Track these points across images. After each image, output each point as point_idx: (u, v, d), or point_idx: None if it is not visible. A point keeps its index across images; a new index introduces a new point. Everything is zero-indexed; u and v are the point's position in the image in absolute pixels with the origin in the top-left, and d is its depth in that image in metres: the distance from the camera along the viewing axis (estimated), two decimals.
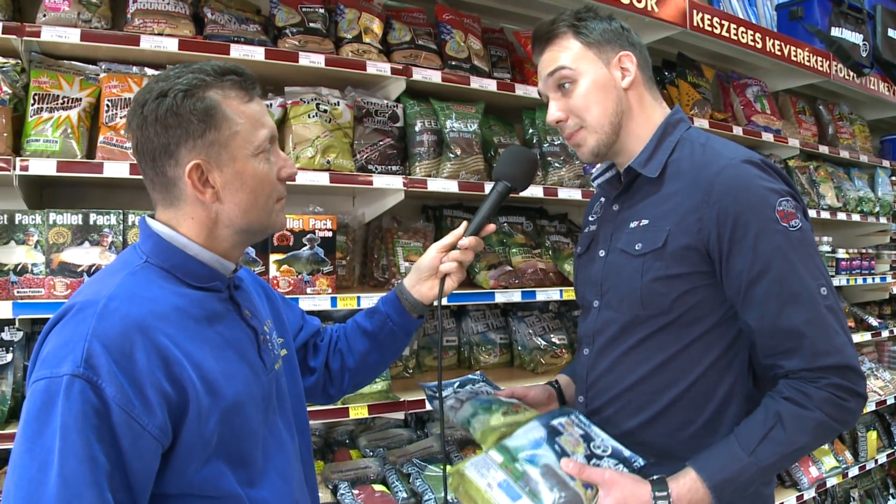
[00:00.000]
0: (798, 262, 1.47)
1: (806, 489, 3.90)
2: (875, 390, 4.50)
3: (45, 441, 1.09)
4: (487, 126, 3.00)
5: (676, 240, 1.55)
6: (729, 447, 1.47)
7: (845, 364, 1.45)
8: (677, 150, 1.65)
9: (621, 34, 1.70)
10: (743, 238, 1.48)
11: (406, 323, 1.73)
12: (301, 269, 2.38)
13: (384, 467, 2.70)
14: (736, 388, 1.60)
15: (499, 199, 1.69)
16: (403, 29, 2.77)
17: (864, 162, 4.88)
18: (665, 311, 1.58)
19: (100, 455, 1.11)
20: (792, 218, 1.49)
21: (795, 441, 1.45)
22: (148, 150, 1.29)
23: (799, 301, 1.46)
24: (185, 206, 1.32)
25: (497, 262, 2.93)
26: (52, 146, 2.16)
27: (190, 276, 1.31)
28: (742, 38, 3.62)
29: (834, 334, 1.46)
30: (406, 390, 2.66)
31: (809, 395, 1.45)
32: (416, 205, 3.21)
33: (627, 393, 1.66)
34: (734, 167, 1.52)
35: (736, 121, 4.06)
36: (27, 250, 2.14)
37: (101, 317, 1.15)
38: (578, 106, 1.66)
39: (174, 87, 1.27)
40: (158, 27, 2.27)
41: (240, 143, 1.31)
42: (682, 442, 1.59)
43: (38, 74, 2.24)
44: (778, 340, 1.49)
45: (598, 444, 1.56)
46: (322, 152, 2.47)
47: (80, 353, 1.12)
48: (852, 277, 4.57)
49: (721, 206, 1.50)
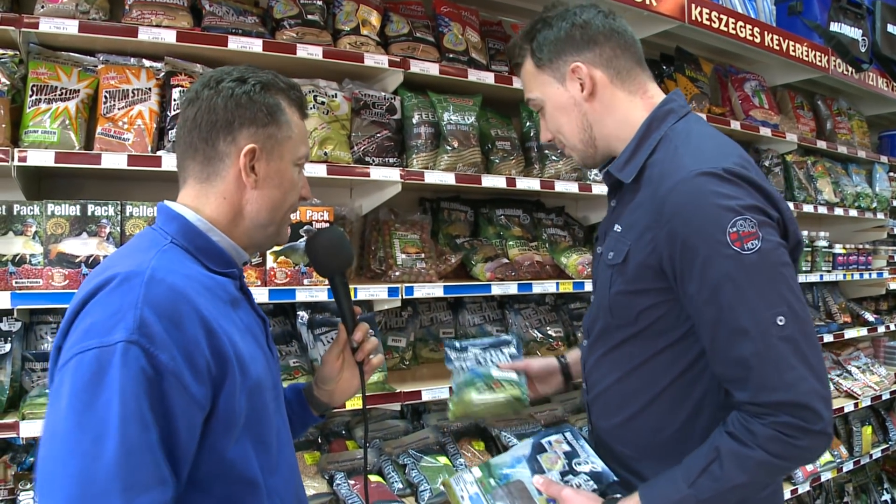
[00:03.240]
0: (749, 290, 1.37)
1: (800, 483, 3.92)
2: (870, 385, 4.51)
3: (98, 411, 1.07)
4: (485, 119, 3.01)
5: (635, 256, 1.53)
6: (673, 476, 1.46)
7: (795, 402, 1.35)
8: (658, 150, 1.56)
9: (574, 38, 1.61)
10: (691, 263, 1.41)
11: (304, 416, 1.74)
12: (298, 261, 2.39)
13: (380, 458, 2.71)
14: (707, 398, 1.56)
15: (344, 290, 1.67)
16: (401, 21, 2.78)
17: (861, 157, 4.88)
18: (631, 323, 1.58)
19: (154, 424, 1.11)
20: (749, 239, 1.37)
21: (732, 478, 1.40)
22: (209, 121, 1.34)
23: (746, 333, 1.37)
24: (221, 184, 1.37)
25: (494, 255, 2.94)
26: (50, 137, 2.16)
27: (213, 260, 1.35)
28: (740, 33, 3.62)
29: (786, 369, 1.35)
30: (402, 382, 2.67)
31: (753, 433, 1.39)
32: (414, 197, 3.22)
33: (606, 392, 1.70)
34: (687, 182, 1.42)
35: (734, 115, 4.06)
36: (25, 241, 2.15)
37: (149, 285, 1.16)
38: (552, 129, 1.71)
39: (252, 77, 1.38)
40: (156, 18, 2.27)
41: (289, 148, 1.41)
42: (659, 445, 1.60)
43: (36, 65, 2.24)
44: (727, 368, 1.43)
45: (581, 461, 1.70)
46: (319, 144, 2.48)
47: (132, 321, 1.11)
48: (849, 273, 4.59)
49: (670, 228, 1.43)
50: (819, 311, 4.72)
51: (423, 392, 2.58)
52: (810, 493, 4.29)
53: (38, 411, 2.05)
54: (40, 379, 2.26)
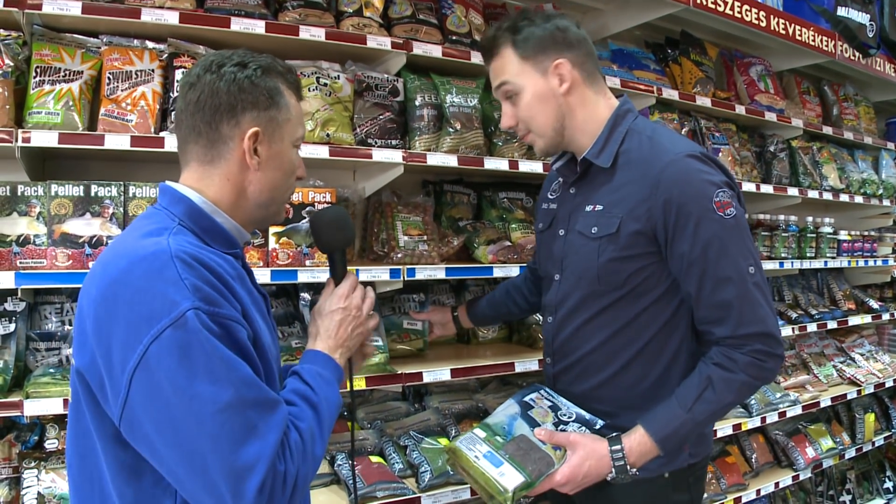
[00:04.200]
0: (731, 246, 1.72)
1: (802, 469, 3.93)
2: (874, 373, 4.52)
3: (202, 377, 1.16)
4: (488, 101, 3.00)
5: (628, 226, 1.79)
6: (670, 407, 1.77)
7: (766, 332, 1.73)
8: (626, 141, 1.86)
9: (557, 38, 1.85)
10: (685, 226, 1.72)
11: None
12: (300, 242, 2.40)
13: (381, 439, 2.74)
14: (683, 346, 1.89)
15: (342, 267, 1.71)
16: (404, 3, 2.77)
17: (868, 144, 4.85)
18: (619, 286, 1.85)
19: (243, 361, 1.23)
20: (727, 207, 1.73)
21: (723, 399, 1.76)
22: (212, 104, 1.37)
23: (729, 280, 1.72)
24: (225, 166, 1.41)
25: (496, 238, 2.95)
26: (53, 118, 2.17)
27: (218, 241, 1.40)
28: (746, 17, 3.60)
29: (758, 307, 1.73)
30: (404, 363, 2.68)
31: (735, 360, 1.74)
32: (417, 179, 3.22)
33: (589, 356, 1.94)
34: (678, 162, 1.75)
35: (739, 100, 4.04)
36: (29, 221, 2.17)
37: (180, 259, 1.22)
38: (523, 116, 1.89)
39: (253, 62, 1.42)
40: (159, 0, 2.27)
41: (289, 130, 1.46)
42: (638, 395, 1.89)
43: (39, 47, 2.25)
44: (711, 311, 1.76)
45: (564, 413, 1.90)
46: (322, 126, 2.48)
47: (186, 290, 1.18)
48: (854, 259, 4.56)
49: (667, 198, 1.73)
50: (823, 297, 4.71)
51: (425, 374, 2.59)
52: (812, 479, 4.30)
53: (42, 390, 2.07)
54: (45, 359, 2.28)
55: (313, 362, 1.50)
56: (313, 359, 1.52)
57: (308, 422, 1.33)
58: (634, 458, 1.76)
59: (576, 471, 1.75)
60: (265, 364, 1.33)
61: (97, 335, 1.21)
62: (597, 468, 1.76)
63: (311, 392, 1.40)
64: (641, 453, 1.77)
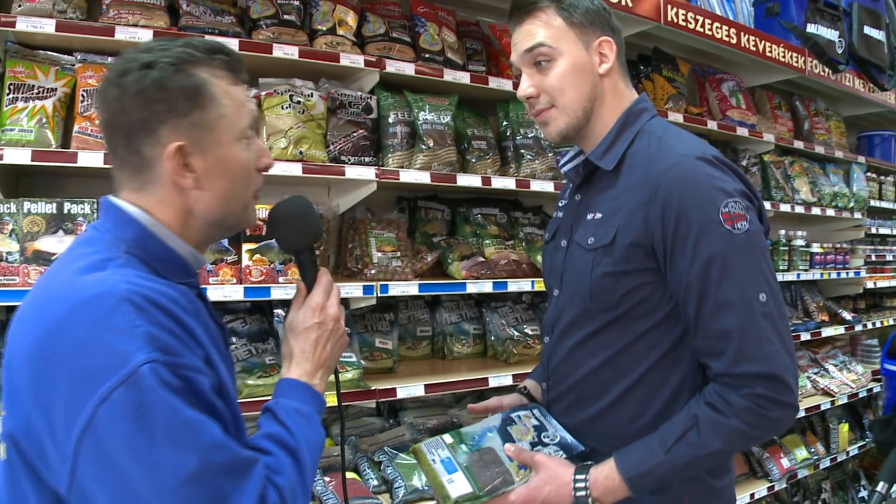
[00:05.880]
0: (738, 266, 1.46)
1: (777, 480, 3.96)
2: (847, 383, 4.57)
3: (161, 444, 1.00)
4: (461, 118, 3.04)
5: (624, 237, 1.56)
6: (649, 443, 1.52)
7: (770, 373, 1.44)
8: (636, 142, 1.63)
9: (603, 17, 1.66)
10: (685, 237, 1.48)
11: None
12: (274, 259, 2.41)
13: (356, 455, 2.74)
14: (685, 382, 1.61)
15: (313, 270, 1.50)
16: (378, 21, 2.80)
17: (839, 157, 4.94)
18: (613, 306, 1.60)
19: (209, 419, 1.07)
20: (738, 220, 1.46)
21: (708, 445, 1.47)
22: (123, 125, 1.18)
23: (731, 306, 1.45)
24: (159, 191, 1.21)
25: (470, 254, 2.97)
26: (27, 136, 2.18)
27: (173, 270, 1.23)
28: (717, 34, 3.67)
29: (765, 342, 1.44)
30: (378, 379, 2.69)
31: (730, 403, 1.46)
32: (391, 196, 3.24)
33: (580, 384, 1.71)
34: (684, 164, 1.51)
35: (711, 115, 4.10)
36: (2, 239, 2.16)
37: (131, 303, 1.05)
38: (553, 86, 1.63)
39: (161, 58, 1.17)
40: (133, 18, 2.29)
41: (225, 127, 1.23)
42: (632, 435, 1.59)
43: (13, 64, 2.26)
44: (709, 341, 1.50)
45: (549, 434, 1.73)
46: (295, 143, 2.50)
47: (139, 341, 1.02)
48: (826, 272, 4.63)
49: (666, 204, 1.49)
50: (797, 309, 4.77)
51: (399, 390, 2.60)
52: (787, 489, 4.34)
53: None
54: None
55: (289, 396, 1.32)
56: (288, 391, 1.34)
57: (287, 475, 1.17)
58: (599, 492, 1.53)
59: (533, 493, 1.56)
60: (232, 410, 1.18)
61: (35, 394, 1.04)
62: (556, 495, 1.55)
63: (287, 436, 1.23)
64: (608, 488, 1.53)
